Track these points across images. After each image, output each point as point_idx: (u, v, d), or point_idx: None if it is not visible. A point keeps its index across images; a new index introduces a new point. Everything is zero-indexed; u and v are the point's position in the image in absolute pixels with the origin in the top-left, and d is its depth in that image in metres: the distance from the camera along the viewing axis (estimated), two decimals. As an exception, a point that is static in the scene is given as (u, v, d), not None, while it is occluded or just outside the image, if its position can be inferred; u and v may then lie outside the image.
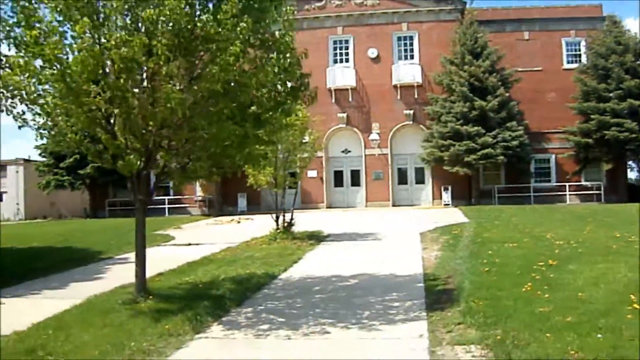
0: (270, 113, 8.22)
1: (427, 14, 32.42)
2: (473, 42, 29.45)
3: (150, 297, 8.75)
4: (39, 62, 7.31)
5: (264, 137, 8.61)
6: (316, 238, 17.50)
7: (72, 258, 15.07)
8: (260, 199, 33.44)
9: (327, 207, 32.56)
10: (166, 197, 34.25)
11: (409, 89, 32.42)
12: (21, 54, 7.22)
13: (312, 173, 33.05)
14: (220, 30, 6.91)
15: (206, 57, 7.48)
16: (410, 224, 21.51)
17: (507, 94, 29.34)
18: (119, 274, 12.27)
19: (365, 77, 32.53)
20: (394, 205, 32.28)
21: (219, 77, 7.05)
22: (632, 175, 34.24)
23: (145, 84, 7.57)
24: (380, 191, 32.58)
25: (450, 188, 31.19)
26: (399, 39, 32.60)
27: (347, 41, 33.32)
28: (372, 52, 32.76)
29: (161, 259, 14.37)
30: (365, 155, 32.75)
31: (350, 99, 32.87)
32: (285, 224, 17.66)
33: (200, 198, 34.29)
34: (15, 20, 7.23)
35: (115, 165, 8.05)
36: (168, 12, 6.88)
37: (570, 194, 31.20)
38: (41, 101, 7.61)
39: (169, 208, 33.79)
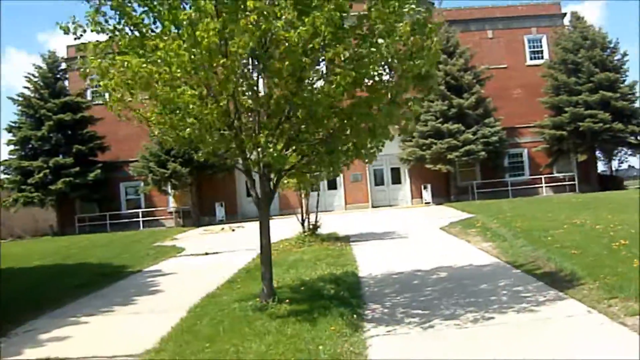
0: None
1: (397, 15, 32.64)
2: (446, 42, 29.98)
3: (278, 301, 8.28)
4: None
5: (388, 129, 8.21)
6: (341, 240, 17.20)
7: (103, 273, 14.14)
8: (237, 207, 32.83)
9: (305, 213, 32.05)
10: (139, 210, 33.01)
11: (384, 90, 32.50)
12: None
13: (289, 178, 32.67)
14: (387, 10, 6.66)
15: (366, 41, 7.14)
16: (417, 222, 21.61)
17: (482, 91, 30.07)
18: (174, 286, 11.76)
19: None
20: (373, 207, 32.34)
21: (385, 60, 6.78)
22: (601, 166, 35.68)
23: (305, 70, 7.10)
24: (359, 193, 32.61)
25: (429, 186, 31.57)
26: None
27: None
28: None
29: (206, 270, 13.76)
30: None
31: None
32: (311, 227, 17.28)
33: (174, 209, 33.19)
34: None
35: (248, 161, 7.60)
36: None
37: (545, 186, 32.21)
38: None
39: (143, 221, 32.52)
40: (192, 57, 6.79)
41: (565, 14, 34.24)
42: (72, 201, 32.80)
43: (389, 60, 7.24)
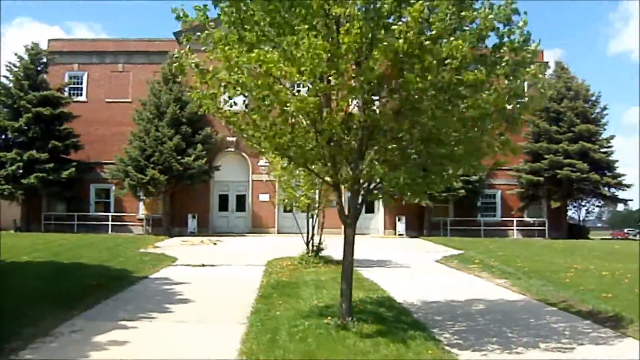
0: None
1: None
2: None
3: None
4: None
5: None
6: (339, 264, 17.12)
7: (110, 276, 13.62)
8: (209, 220, 32.35)
9: (277, 233, 31.93)
10: (109, 214, 32.04)
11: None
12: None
13: (264, 197, 32.51)
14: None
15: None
16: (406, 253, 21.74)
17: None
18: (201, 297, 11.46)
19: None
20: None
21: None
22: (573, 214, 37.01)
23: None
24: (333, 219, 32.49)
25: (404, 218, 31.96)
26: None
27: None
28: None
29: (219, 282, 13.48)
30: (321, 182, 32.59)
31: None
32: (315, 248, 17.21)
33: (143, 216, 32.34)
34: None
35: (338, 176, 7.63)
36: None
37: (516, 229, 33.09)
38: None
39: (112, 225, 31.56)
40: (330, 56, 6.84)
41: (547, 62, 35.74)
42: (39, 197, 31.55)
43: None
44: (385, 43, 6.84)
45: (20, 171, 29.23)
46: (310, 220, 17.84)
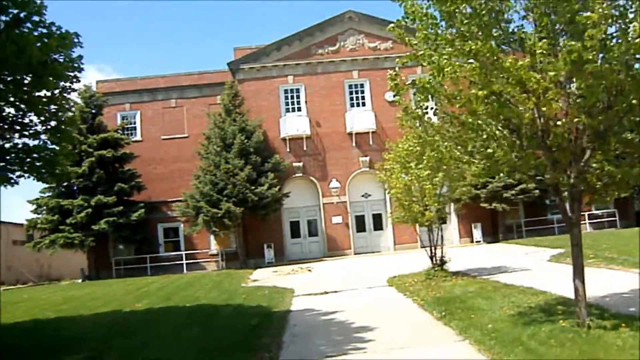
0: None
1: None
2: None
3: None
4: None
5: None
6: (468, 275, 16.74)
7: (258, 314, 13.16)
8: (284, 249, 31.96)
9: (354, 254, 31.50)
10: (182, 252, 31.78)
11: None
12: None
13: (336, 219, 32.17)
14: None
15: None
16: (504, 258, 21.21)
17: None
18: (375, 323, 10.90)
19: (384, 120, 32.33)
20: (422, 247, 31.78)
21: None
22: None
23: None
24: (405, 234, 31.94)
25: (479, 225, 31.55)
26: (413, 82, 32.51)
27: (362, 85, 33.23)
28: (390, 96, 32.78)
29: (371, 309, 13.01)
30: (390, 198, 31.96)
31: (370, 142, 32.50)
32: (439, 261, 16.80)
33: (216, 251, 32.05)
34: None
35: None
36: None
37: (588, 223, 32.21)
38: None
39: (186, 264, 31.29)
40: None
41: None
42: (106, 243, 31.34)
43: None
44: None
45: (88, 218, 28.94)
46: (432, 233, 17.28)
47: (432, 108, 8.75)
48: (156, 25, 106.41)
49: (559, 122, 7.40)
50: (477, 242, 31.28)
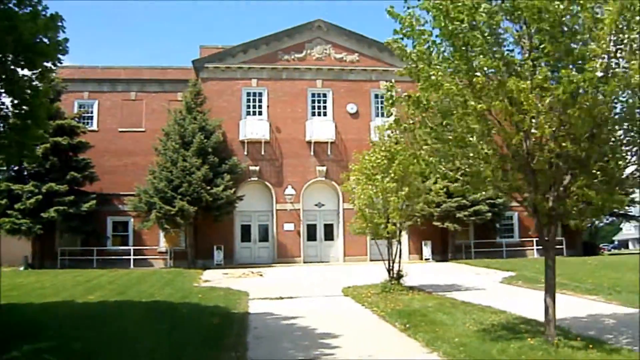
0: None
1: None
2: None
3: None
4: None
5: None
6: (423, 290, 17.03)
7: (218, 314, 13.05)
8: (234, 252, 31.68)
9: (303, 262, 31.50)
10: (130, 247, 31.06)
11: (387, 146, 33.01)
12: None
13: (288, 226, 32.15)
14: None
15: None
16: (459, 277, 21.73)
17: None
18: (338, 330, 11.00)
19: (344, 131, 32.64)
20: (370, 260, 32.09)
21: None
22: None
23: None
24: (356, 245, 32.17)
25: (429, 243, 32.07)
26: (376, 96, 33.03)
27: (325, 95, 33.40)
28: (352, 108, 33.14)
29: (334, 316, 13.06)
30: (343, 209, 32.16)
31: (329, 152, 32.69)
32: (396, 275, 17.03)
33: (165, 249, 31.48)
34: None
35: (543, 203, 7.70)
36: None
37: (535, 249, 33.28)
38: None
39: (133, 259, 30.60)
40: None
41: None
42: (53, 232, 30.27)
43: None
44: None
45: (37, 204, 27.88)
46: (392, 247, 17.49)
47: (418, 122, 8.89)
48: (123, 16, 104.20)
49: (545, 147, 7.70)
50: (426, 259, 31.80)
